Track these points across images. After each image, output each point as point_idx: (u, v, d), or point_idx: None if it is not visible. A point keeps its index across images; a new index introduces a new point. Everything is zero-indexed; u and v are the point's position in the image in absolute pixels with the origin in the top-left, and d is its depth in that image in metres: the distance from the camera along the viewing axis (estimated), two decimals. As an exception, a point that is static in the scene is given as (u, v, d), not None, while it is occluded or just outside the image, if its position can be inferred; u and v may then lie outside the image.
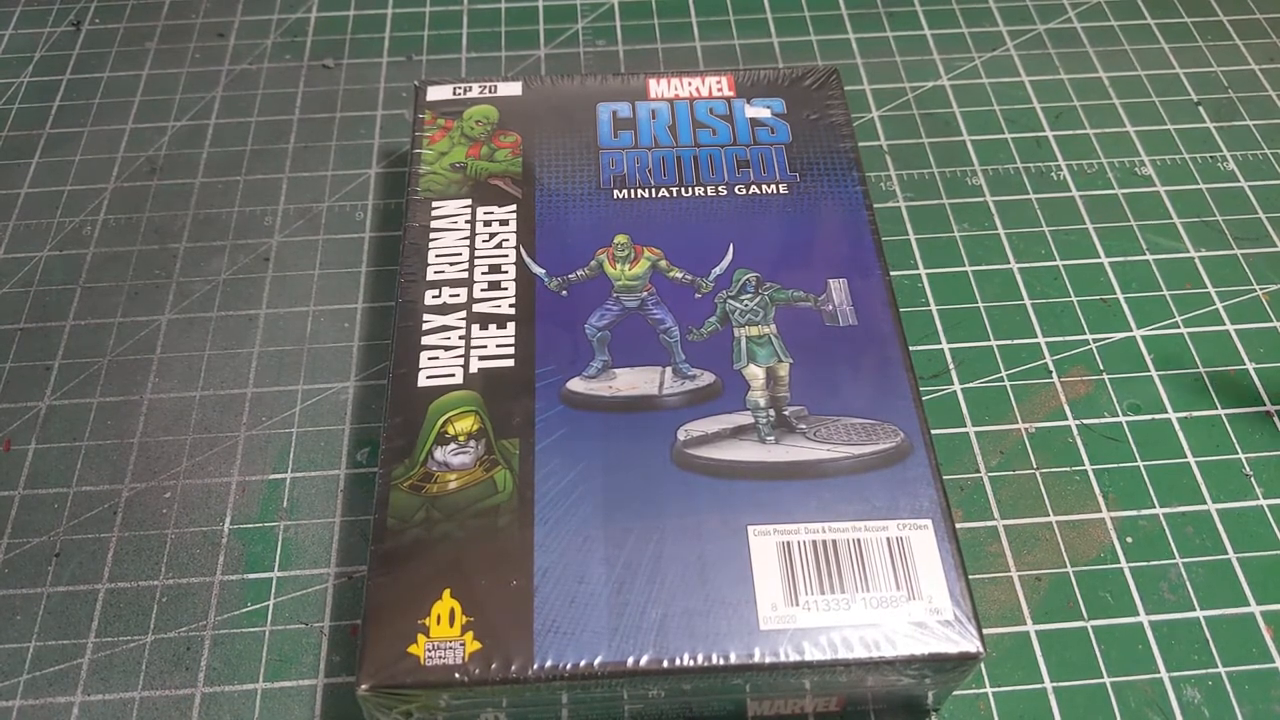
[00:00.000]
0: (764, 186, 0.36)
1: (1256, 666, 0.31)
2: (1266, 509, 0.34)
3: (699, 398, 0.31)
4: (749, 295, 0.34)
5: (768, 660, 0.26)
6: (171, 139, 0.45)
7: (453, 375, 0.32)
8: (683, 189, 0.36)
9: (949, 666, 0.27)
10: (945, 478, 0.35)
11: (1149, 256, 0.40)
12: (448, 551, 0.28)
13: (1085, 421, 0.36)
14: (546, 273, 0.34)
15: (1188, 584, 0.32)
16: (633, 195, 0.36)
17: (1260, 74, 0.47)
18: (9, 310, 0.39)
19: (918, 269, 0.40)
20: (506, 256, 0.34)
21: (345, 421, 0.36)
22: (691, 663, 0.26)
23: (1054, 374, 0.37)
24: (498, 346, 0.32)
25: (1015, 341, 0.38)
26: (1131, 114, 0.45)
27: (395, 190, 0.42)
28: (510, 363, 0.32)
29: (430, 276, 0.34)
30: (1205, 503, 0.34)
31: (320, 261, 0.40)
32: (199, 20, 0.50)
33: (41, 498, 0.34)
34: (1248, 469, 0.35)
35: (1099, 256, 0.40)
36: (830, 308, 0.33)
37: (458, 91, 0.39)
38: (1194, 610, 0.32)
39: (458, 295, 0.33)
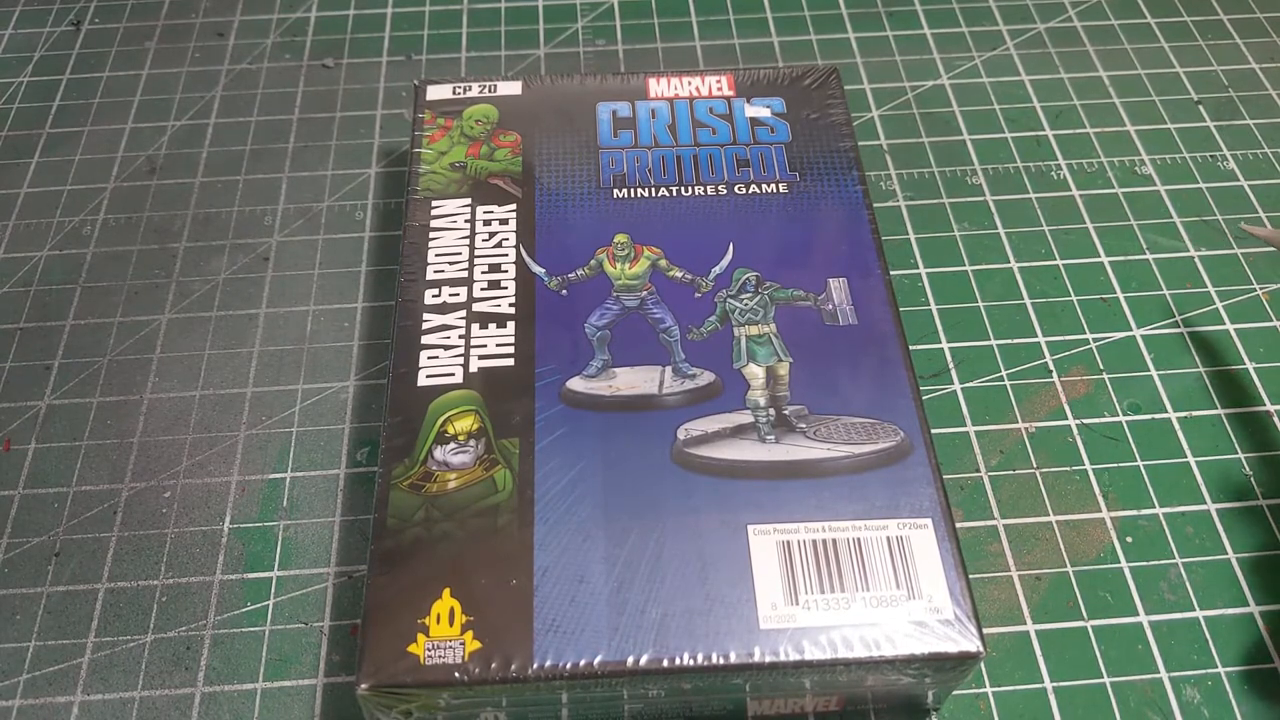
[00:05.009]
0: (764, 186, 0.36)
1: (1256, 667, 0.31)
2: (1266, 509, 0.34)
3: (699, 397, 0.31)
4: (749, 294, 0.34)
5: (768, 659, 0.26)
6: (171, 138, 0.45)
7: (452, 374, 0.32)
8: (682, 188, 0.36)
9: (949, 666, 0.27)
10: (945, 477, 0.35)
11: (1149, 256, 0.40)
12: (447, 551, 0.28)
13: (1085, 421, 0.36)
14: (546, 272, 0.34)
15: (1187, 584, 0.32)
16: (632, 194, 0.36)
17: (1260, 73, 0.47)
18: (9, 310, 0.39)
19: (918, 268, 0.40)
20: (506, 256, 0.34)
21: (345, 421, 0.36)
22: (691, 662, 0.26)
23: (1054, 373, 0.37)
24: (497, 346, 0.32)
25: (1015, 341, 0.38)
26: (1131, 113, 0.45)
27: (395, 190, 0.42)
28: (510, 362, 0.32)
29: (430, 276, 0.34)
30: (1205, 503, 0.34)
31: (320, 261, 0.40)
32: (199, 20, 0.50)
33: (41, 497, 0.34)
34: (1247, 469, 0.35)
35: (1099, 256, 0.40)
36: (830, 307, 0.33)
37: (457, 91, 0.39)
38: (1193, 610, 0.32)
39: (457, 294, 0.33)
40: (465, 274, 0.34)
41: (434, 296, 0.33)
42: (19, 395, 0.37)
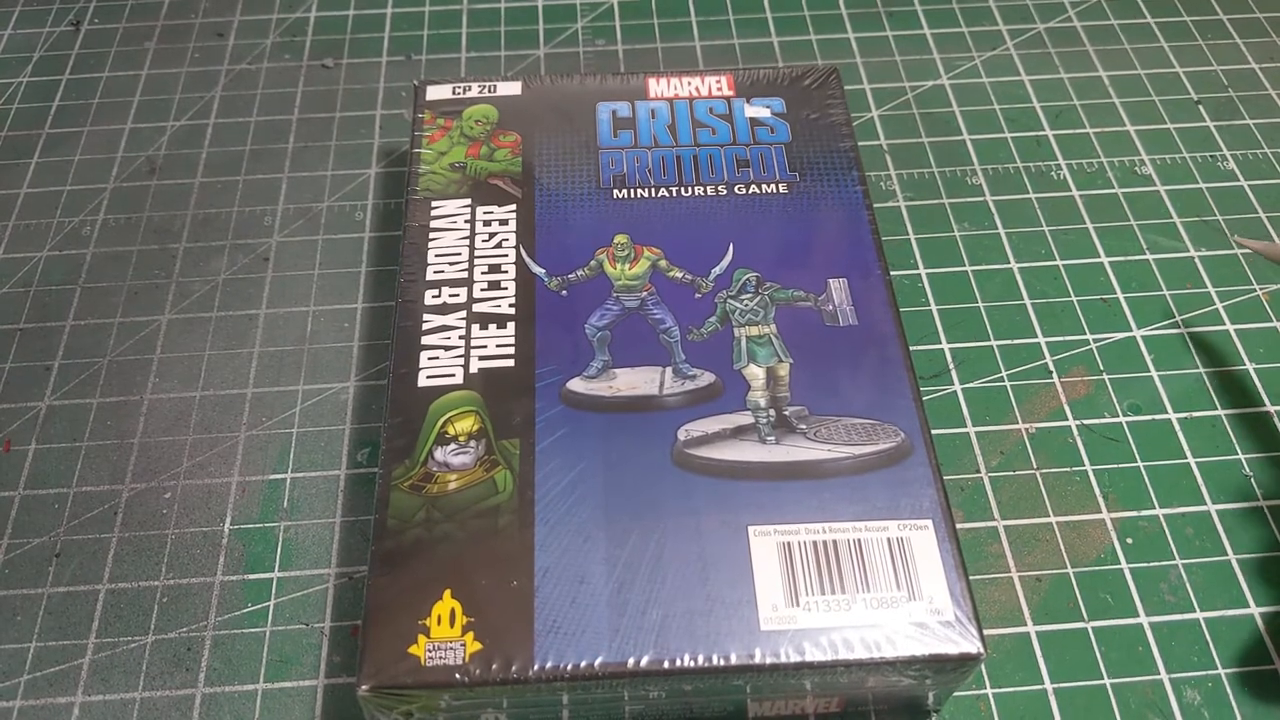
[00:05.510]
0: (764, 186, 0.36)
1: (1256, 668, 0.31)
2: (1266, 510, 0.34)
3: (699, 398, 0.31)
4: (749, 295, 0.34)
5: (768, 661, 0.26)
6: (171, 139, 0.45)
7: (453, 375, 0.32)
8: (682, 188, 0.36)
9: (949, 667, 0.27)
10: (946, 478, 0.35)
11: (1149, 256, 0.40)
12: (448, 552, 0.28)
13: (1085, 422, 0.36)
14: (546, 272, 0.34)
15: (1187, 585, 0.32)
16: (632, 195, 0.36)
17: (1260, 73, 0.47)
18: (9, 310, 0.39)
19: (918, 269, 0.40)
20: (506, 256, 0.34)
21: (345, 422, 0.36)
22: (692, 663, 0.26)
23: (1054, 374, 0.37)
24: (498, 346, 0.32)
25: (1015, 341, 0.38)
26: (1131, 113, 0.45)
27: (395, 190, 0.42)
28: (510, 363, 0.32)
29: (430, 276, 0.34)
30: (1205, 503, 0.34)
31: (320, 261, 0.40)
32: (198, 20, 0.50)
33: (42, 498, 0.34)
34: (1247, 469, 0.35)
35: (1099, 256, 0.40)
36: (830, 307, 0.33)
37: (457, 91, 0.39)
38: (1194, 611, 0.32)
39: (458, 295, 0.33)
40: (465, 274, 0.34)
41: (434, 297, 0.33)
42: (19, 396, 0.37)
